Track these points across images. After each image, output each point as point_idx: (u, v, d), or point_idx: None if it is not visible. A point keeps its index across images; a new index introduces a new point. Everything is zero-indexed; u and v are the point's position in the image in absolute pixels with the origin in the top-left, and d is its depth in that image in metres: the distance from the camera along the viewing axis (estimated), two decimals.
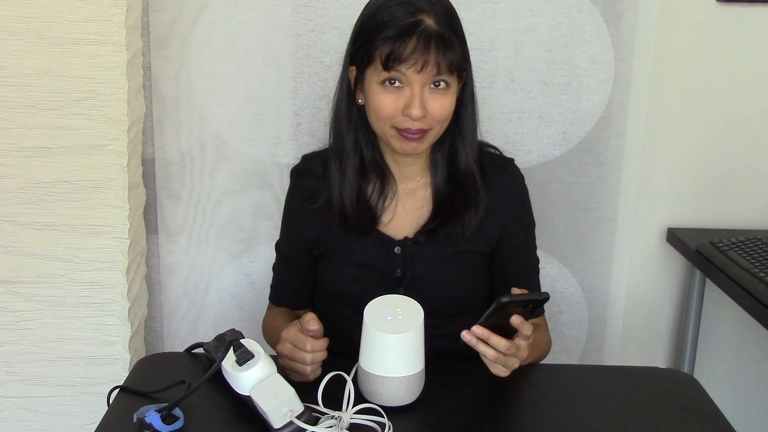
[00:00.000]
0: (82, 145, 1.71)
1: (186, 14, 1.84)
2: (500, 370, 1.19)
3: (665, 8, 1.88)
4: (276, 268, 1.51)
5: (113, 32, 1.65)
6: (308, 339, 1.19)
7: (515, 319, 1.15)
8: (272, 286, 1.52)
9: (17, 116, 1.68)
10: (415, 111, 1.24)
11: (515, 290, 1.20)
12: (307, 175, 1.43)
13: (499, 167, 1.41)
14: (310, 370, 1.19)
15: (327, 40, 1.85)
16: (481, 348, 1.15)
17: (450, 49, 1.23)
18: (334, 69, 1.85)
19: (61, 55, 1.65)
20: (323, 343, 1.21)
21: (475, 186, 1.35)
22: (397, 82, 1.25)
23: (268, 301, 1.53)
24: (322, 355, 1.20)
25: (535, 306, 1.17)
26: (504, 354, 1.16)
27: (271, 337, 1.46)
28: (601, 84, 1.90)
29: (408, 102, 1.24)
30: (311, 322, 1.20)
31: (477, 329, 1.14)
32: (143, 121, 1.86)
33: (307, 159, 1.47)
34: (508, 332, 1.16)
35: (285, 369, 1.21)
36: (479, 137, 1.39)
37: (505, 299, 1.11)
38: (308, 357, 1.19)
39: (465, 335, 1.14)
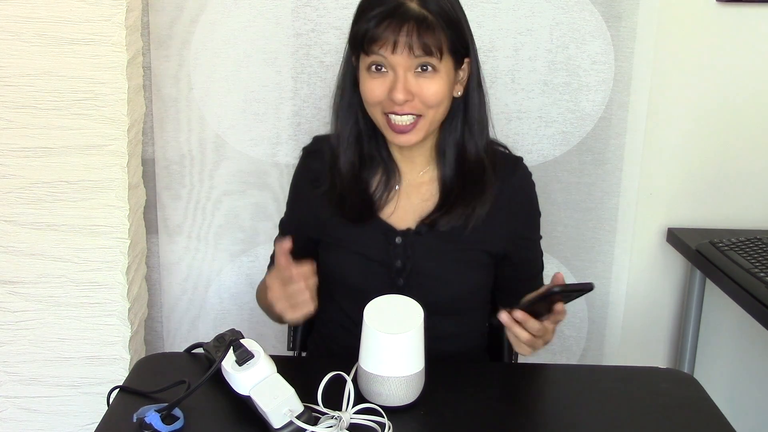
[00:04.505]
0: (82, 145, 1.71)
1: (186, 14, 1.84)
2: (525, 350, 1.22)
3: (665, 8, 1.88)
4: (276, 242, 1.49)
5: (113, 32, 1.65)
6: (291, 266, 1.16)
7: (559, 307, 1.17)
8: (271, 257, 1.49)
9: (17, 116, 1.68)
10: (397, 94, 1.23)
11: (559, 277, 1.18)
12: (316, 157, 1.42)
13: (509, 167, 1.40)
14: (310, 295, 1.17)
15: (327, 40, 1.85)
16: (516, 330, 1.17)
17: (427, 31, 1.22)
18: (334, 69, 1.85)
19: (61, 55, 1.65)
20: (309, 266, 1.17)
21: (483, 178, 1.34)
22: (382, 67, 1.25)
23: None
24: (312, 279, 1.17)
25: (580, 295, 1.19)
26: (534, 336, 1.18)
27: (261, 294, 1.41)
28: (601, 84, 1.90)
29: (392, 86, 1.24)
30: (282, 247, 1.16)
31: (518, 314, 1.16)
32: (143, 121, 1.86)
33: (318, 140, 1.45)
34: (539, 315, 1.19)
35: (287, 314, 1.19)
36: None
37: (557, 289, 1.13)
38: (302, 284, 1.16)
39: (504, 317, 1.16)
